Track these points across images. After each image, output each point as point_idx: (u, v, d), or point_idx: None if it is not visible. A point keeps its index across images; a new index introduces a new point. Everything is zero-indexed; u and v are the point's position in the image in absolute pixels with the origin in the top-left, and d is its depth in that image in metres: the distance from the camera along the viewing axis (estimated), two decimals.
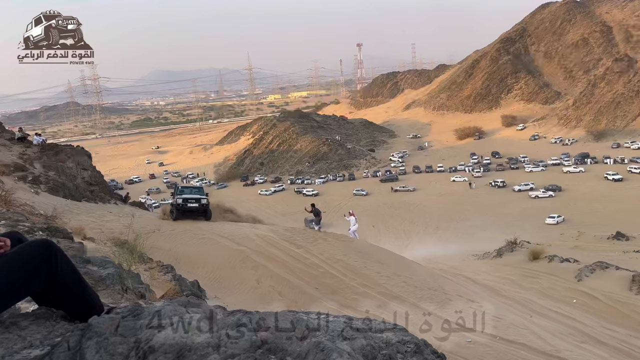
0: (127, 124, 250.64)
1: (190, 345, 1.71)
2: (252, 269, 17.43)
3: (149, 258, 15.34)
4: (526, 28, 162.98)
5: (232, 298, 14.97)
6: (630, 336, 14.96)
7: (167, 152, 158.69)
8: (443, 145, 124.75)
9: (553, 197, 70.55)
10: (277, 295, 15.62)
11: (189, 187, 26.88)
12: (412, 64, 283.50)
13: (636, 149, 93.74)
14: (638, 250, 36.48)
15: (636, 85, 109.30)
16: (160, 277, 13.63)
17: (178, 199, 23.23)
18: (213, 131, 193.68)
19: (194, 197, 23.80)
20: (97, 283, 4.71)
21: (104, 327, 1.84)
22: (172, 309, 1.97)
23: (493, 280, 21.05)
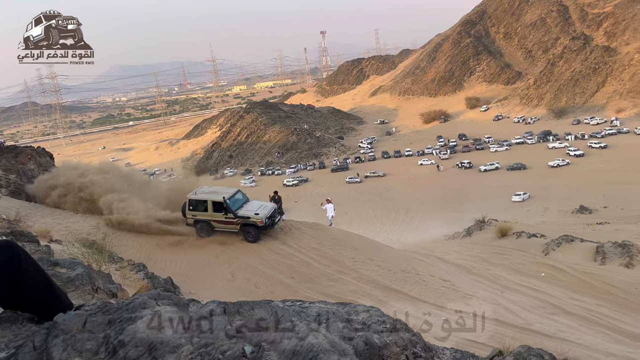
0: (89, 122, 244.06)
1: (162, 337, 1.68)
2: (226, 263, 17.33)
3: (119, 257, 15.05)
4: (486, 10, 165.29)
5: (207, 293, 14.85)
6: (596, 305, 15.54)
7: (132, 149, 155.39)
8: (410, 129, 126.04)
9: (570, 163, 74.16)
10: (253, 287, 15.58)
11: (232, 197, 19.60)
12: (376, 50, 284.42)
13: (595, 124, 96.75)
14: (601, 222, 37.81)
15: (593, 62, 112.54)
16: (132, 276, 13.41)
17: (249, 214, 18.55)
18: (178, 125, 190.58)
19: (268, 209, 19.22)
20: (66, 284, 4.58)
21: (70, 324, 1.78)
22: (142, 302, 1.93)
23: (464, 259, 21.47)
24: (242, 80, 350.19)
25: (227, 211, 18.70)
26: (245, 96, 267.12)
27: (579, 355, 11.07)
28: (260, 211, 18.88)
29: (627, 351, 12.04)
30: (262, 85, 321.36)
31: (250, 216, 18.58)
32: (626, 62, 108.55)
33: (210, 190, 19.91)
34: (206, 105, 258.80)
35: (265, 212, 18.82)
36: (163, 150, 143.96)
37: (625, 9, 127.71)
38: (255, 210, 18.98)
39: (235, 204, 19.17)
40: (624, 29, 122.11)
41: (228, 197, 18.97)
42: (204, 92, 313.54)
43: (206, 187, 20.77)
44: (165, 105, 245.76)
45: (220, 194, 19.23)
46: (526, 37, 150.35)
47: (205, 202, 19.01)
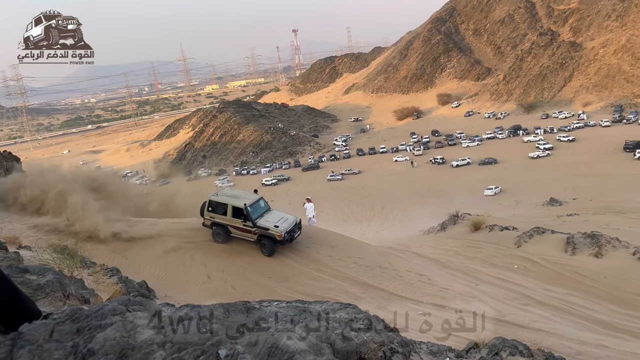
0: (57, 125, 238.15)
1: (134, 343, 1.63)
2: (202, 265, 17.13)
3: (92, 262, 14.74)
4: (455, 7, 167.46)
5: (184, 295, 14.68)
6: (567, 294, 15.91)
7: (102, 151, 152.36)
8: (384, 126, 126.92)
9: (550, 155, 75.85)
10: (230, 289, 15.45)
11: (254, 204, 18.51)
12: (349, 48, 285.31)
13: (563, 118, 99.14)
14: (570, 214, 38.74)
15: (560, 57, 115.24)
16: (106, 281, 13.14)
17: (268, 226, 17.42)
18: (150, 126, 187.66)
19: (289, 223, 17.99)
20: (35, 292, 4.46)
21: (36, 334, 1.71)
22: (112, 308, 1.87)
23: (439, 253, 21.72)
24: (214, 80, 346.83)
25: (246, 218, 17.67)
26: (218, 95, 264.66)
27: (553, 344, 11.31)
28: (281, 224, 17.73)
29: (597, 338, 12.38)
30: (235, 85, 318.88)
31: (270, 228, 17.45)
32: (591, 57, 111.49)
33: (232, 194, 19.06)
34: (178, 105, 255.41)
35: (285, 225, 17.71)
36: (134, 151, 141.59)
37: (589, 5, 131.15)
38: (276, 222, 17.80)
39: (256, 212, 18.16)
40: (588, 25, 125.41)
41: (250, 203, 18.00)
42: (176, 92, 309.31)
43: (229, 190, 20.06)
44: (136, 106, 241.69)
45: (242, 199, 18.28)
46: (495, 34, 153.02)
47: (225, 205, 18.09)
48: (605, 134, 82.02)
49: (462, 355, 5.42)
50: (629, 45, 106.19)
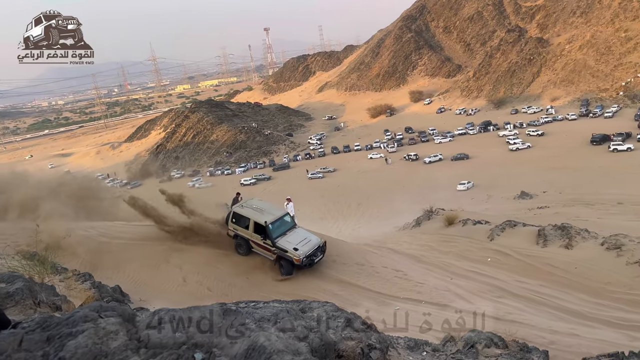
0: (24, 128, 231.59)
1: (107, 350, 1.60)
2: (177, 267, 16.91)
3: (63, 268, 14.42)
4: (425, 5, 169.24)
5: (159, 299, 14.46)
6: (540, 286, 16.26)
7: (71, 154, 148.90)
8: (358, 124, 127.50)
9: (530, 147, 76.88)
10: (206, 291, 15.31)
11: (277, 221, 17.63)
12: (321, 46, 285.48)
13: (532, 113, 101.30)
14: (541, 206, 39.64)
15: (528, 53, 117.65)
16: (78, 287, 12.87)
17: (288, 248, 16.60)
18: (120, 128, 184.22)
19: (311, 245, 16.97)
20: (4, 300, 4.34)
21: (4, 344, 1.66)
22: (83, 315, 1.83)
23: (414, 249, 21.92)
24: (185, 79, 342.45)
25: (267, 236, 17.01)
26: (190, 95, 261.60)
27: (527, 335, 11.56)
28: (301, 246, 16.77)
29: (569, 327, 12.69)
30: (207, 84, 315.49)
31: (289, 250, 16.59)
32: (558, 53, 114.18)
33: (258, 207, 18.21)
34: (149, 106, 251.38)
35: (305, 248, 16.76)
36: (105, 154, 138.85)
37: (555, 2, 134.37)
38: (297, 243, 16.88)
39: (279, 230, 17.36)
40: (555, 21, 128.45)
41: (272, 220, 17.23)
42: (146, 92, 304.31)
43: (256, 201, 19.10)
44: (105, 108, 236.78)
45: (266, 214, 17.53)
46: (464, 31, 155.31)
47: (248, 220, 17.48)
48: (573, 128, 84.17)
49: (438, 348, 5.49)
50: (593, 40, 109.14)
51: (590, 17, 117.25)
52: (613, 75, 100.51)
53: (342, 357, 3.12)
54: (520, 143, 79.67)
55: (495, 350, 5.00)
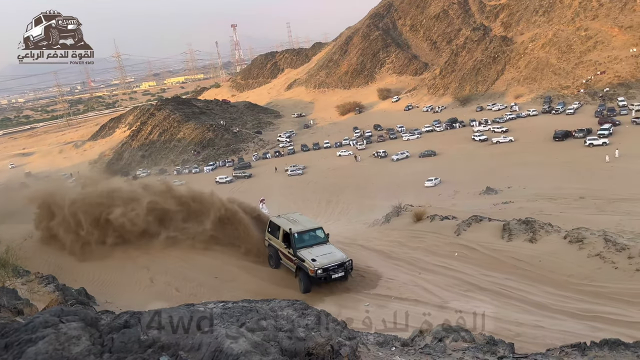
0: None
1: (68, 356, 1.55)
2: (144, 268, 16.66)
3: (25, 271, 14.03)
4: (392, 3, 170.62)
5: (126, 300, 14.21)
6: (505, 279, 16.66)
7: (32, 153, 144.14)
8: (327, 121, 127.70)
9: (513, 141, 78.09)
10: (174, 291, 15.11)
11: (306, 232, 17.33)
12: (289, 44, 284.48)
13: (496, 110, 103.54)
14: (506, 201, 40.53)
15: (492, 52, 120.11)
16: (41, 289, 12.54)
17: (306, 257, 16.15)
18: (83, 126, 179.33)
19: (331, 259, 16.32)
20: None
21: None
22: (43, 320, 1.76)
23: (384, 245, 22.15)
24: (150, 76, 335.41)
25: (289, 245, 16.79)
26: (155, 92, 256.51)
27: (493, 328, 11.83)
28: (320, 259, 16.09)
29: (534, 319, 13.06)
30: (173, 81, 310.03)
31: (306, 260, 16.10)
32: (522, 51, 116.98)
33: (294, 219, 18.28)
34: (113, 103, 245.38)
35: (324, 261, 16.04)
36: (68, 153, 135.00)
37: (518, 1, 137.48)
38: (316, 255, 16.27)
39: (305, 241, 16.91)
40: (518, 20, 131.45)
41: (300, 230, 16.98)
42: (110, 89, 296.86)
43: (297, 215, 19.16)
44: (68, 105, 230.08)
45: (297, 225, 17.40)
46: (431, 29, 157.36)
47: (279, 228, 17.51)
48: (536, 124, 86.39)
49: (407, 343, 5.56)
50: (555, 39, 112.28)
51: (552, 16, 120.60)
52: (574, 73, 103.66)
53: (312, 356, 3.12)
54: (502, 137, 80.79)
55: (463, 344, 5.10)
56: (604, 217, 29.69)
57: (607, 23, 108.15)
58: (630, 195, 38.69)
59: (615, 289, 14.75)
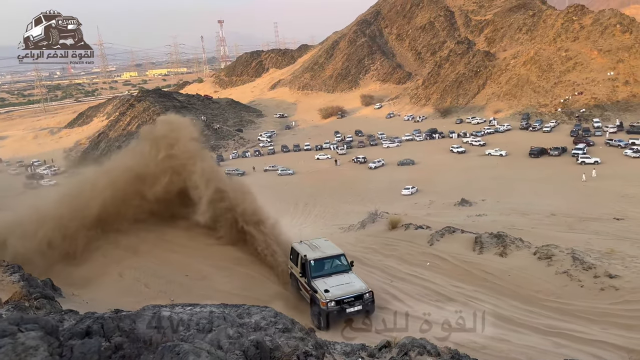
0: None
1: None
2: (114, 262, 16.33)
3: None
4: (380, 11, 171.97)
5: (93, 294, 13.96)
6: (475, 291, 16.88)
7: (5, 137, 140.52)
8: (309, 124, 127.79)
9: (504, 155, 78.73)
10: (143, 287, 14.86)
11: (324, 259, 15.65)
12: (276, 44, 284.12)
13: (476, 124, 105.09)
14: (479, 214, 41.07)
15: (475, 66, 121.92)
16: (5, 279, 12.23)
17: (319, 288, 14.36)
18: (60, 113, 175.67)
19: (347, 290, 14.37)
20: None
21: None
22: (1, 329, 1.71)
23: (358, 251, 22.22)
24: (132, 67, 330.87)
25: (305, 273, 15.12)
26: (137, 83, 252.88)
27: (460, 340, 11.98)
28: (334, 289, 14.22)
29: (500, 333, 13.26)
30: (155, 73, 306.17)
31: (318, 291, 14.30)
32: (503, 67, 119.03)
33: (315, 244, 16.47)
34: (92, 91, 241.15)
35: (339, 292, 14.14)
36: (42, 139, 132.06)
37: (503, 18, 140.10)
38: (331, 285, 14.43)
39: (323, 270, 15.20)
40: (502, 36, 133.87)
41: (317, 257, 15.32)
42: (90, 77, 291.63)
43: (321, 240, 17.17)
44: (46, 91, 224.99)
45: (316, 252, 15.70)
46: (416, 40, 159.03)
47: (298, 255, 15.80)
48: (513, 139, 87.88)
49: (374, 354, 5.59)
50: (536, 57, 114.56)
51: (535, 35, 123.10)
52: (553, 92, 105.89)
53: None
54: (494, 150, 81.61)
55: (428, 357, 5.15)
56: (573, 235, 30.32)
57: (587, 46, 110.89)
58: (600, 215, 39.64)
59: (580, 307, 15.08)
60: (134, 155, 18.88)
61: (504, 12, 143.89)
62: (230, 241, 18.64)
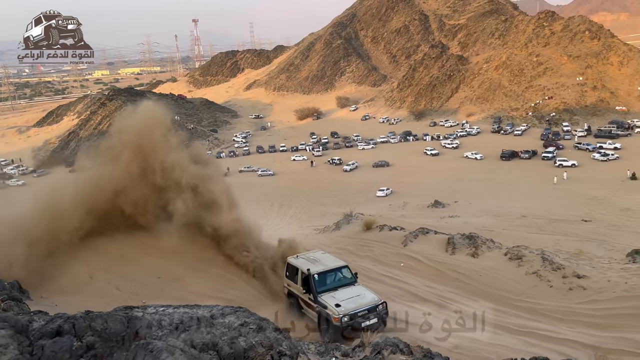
0: None
1: None
2: (84, 263, 15.95)
3: None
4: (356, 13, 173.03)
5: (62, 297, 13.64)
6: (447, 291, 17.13)
7: None
8: (285, 125, 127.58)
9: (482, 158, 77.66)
10: (114, 290, 14.56)
11: (328, 272, 14.56)
12: (251, 44, 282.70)
13: (449, 127, 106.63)
14: (452, 215, 41.68)
15: (448, 70, 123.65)
16: None
17: (328, 303, 13.32)
18: (29, 111, 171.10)
19: (360, 303, 13.40)
20: None
21: None
22: None
23: (333, 252, 22.19)
24: (104, 65, 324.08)
25: (309, 289, 13.96)
26: (108, 82, 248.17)
27: (432, 340, 12.15)
28: (346, 303, 13.23)
29: (472, 332, 13.48)
30: (128, 72, 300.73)
31: (328, 306, 13.21)
32: (476, 71, 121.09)
33: (314, 258, 15.34)
34: (62, 90, 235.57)
35: (351, 305, 13.15)
36: (10, 138, 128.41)
37: (476, 22, 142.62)
38: (341, 299, 13.44)
39: (328, 284, 14.18)
40: (475, 41, 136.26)
41: (320, 271, 14.19)
42: (60, 75, 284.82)
43: (318, 253, 16.11)
44: (14, 89, 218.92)
45: (318, 265, 14.59)
46: (391, 43, 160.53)
47: (297, 270, 14.66)
48: (485, 142, 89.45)
49: (348, 354, 5.63)
50: (508, 62, 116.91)
51: (507, 40, 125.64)
52: (524, 96, 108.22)
53: None
54: (471, 153, 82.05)
55: (401, 356, 5.22)
56: (543, 236, 31.05)
57: (558, 51, 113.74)
58: (569, 217, 40.70)
59: (549, 307, 15.46)
60: (107, 168, 18.15)
61: (477, 17, 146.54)
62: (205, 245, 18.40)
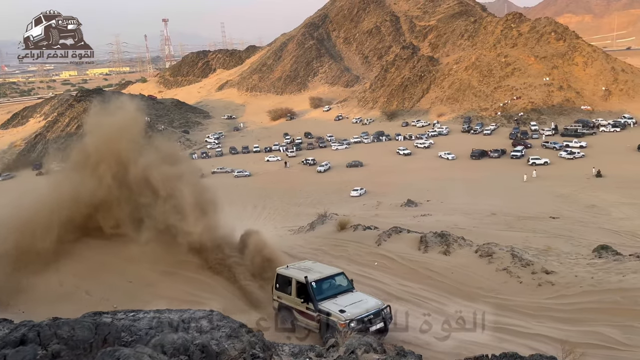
0: None
1: None
2: (54, 270, 15.59)
3: None
4: (328, 14, 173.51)
5: (30, 303, 13.32)
6: (420, 289, 17.34)
7: None
8: (258, 125, 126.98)
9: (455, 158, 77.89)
10: (84, 295, 14.29)
11: (325, 280, 14.13)
12: (223, 44, 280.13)
13: (421, 127, 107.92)
14: (424, 214, 42.20)
15: (419, 70, 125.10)
16: None
17: (332, 310, 12.78)
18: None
19: (365, 307, 13.06)
20: None
21: None
22: None
23: (307, 252, 22.29)
24: (72, 65, 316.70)
25: (307, 298, 13.35)
26: (76, 83, 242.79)
27: (405, 337, 12.28)
28: (350, 308, 12.81)
29: (444, 329, 13.67)
30: (96, 72, 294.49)
31: (332, 312, 12.70)
32: (446, 72, 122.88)
33: (306, 267, 14.82)
34: (28, 91, 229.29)
35: (356, 310, 12.75)
36: None
37: (446, 24, 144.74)
38: (344, 305, 12.99)
39: (326, 291, 13.67)
40: (445, 42, 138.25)
41: (317, 278, 13.70)
42: (26, 76, 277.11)
43: (309, 263, 15.73)
44: None
45: (314, 272, 14.11)
46: (363, 44, 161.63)
47: (290, 280, 14.05)
48: (455, 142, 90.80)
49: (322, 354, 5.65)
50: (477, 63, 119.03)
51: (476, 41, 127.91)
52: (493, 96, 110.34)
53: None
54: (444, 153, 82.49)
55: (374, 355, 5.26)
56: (512, 233, 31.73)
57: (525, 52, 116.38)
58: (537, 214, 41.66)
59: (519, 302, 15.81)
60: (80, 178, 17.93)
61: (447, 18, 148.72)
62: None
